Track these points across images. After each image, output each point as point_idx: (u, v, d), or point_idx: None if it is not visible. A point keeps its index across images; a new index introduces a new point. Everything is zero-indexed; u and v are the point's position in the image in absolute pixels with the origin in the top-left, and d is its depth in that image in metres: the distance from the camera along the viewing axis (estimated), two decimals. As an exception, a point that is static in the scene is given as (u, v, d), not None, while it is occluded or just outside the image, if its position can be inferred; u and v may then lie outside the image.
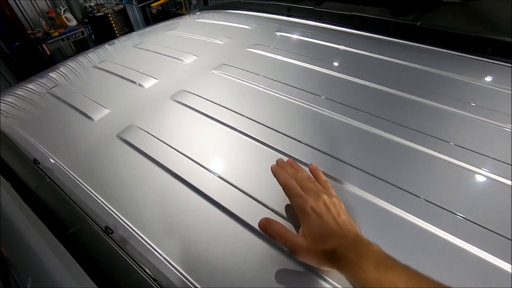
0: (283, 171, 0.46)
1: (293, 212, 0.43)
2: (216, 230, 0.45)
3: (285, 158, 0.54)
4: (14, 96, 0.88)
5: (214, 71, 0.82)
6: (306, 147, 0.56)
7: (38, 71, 1.09)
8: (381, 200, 0.46)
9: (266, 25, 1.13)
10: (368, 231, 0.39)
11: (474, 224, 0.42)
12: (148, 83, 0.81)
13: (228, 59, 0.88)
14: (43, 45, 3.22)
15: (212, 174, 0.53)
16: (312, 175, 0.48)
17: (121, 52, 1.11)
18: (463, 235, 0.40)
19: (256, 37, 1.01)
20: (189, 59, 0.91)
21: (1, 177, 0.58)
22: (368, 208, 0.46)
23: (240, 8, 1.33)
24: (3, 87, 3.23)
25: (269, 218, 0.41)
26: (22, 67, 3.29)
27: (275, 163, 0.49)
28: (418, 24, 0.89)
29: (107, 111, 0.73)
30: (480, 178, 0.49)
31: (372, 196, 0.47)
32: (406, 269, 0.32)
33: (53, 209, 0.49)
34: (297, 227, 0.43)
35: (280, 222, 0.41)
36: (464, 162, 0.51)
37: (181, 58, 0.92)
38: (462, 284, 0.36)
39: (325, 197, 0.41)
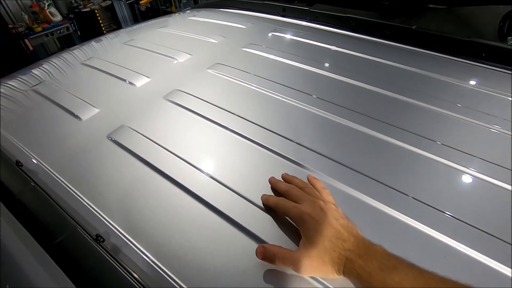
0: (271, 196, 0.46)
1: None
2: (211, 234, 0.43)
3: (279, 158, 0.53)
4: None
5: (209, 71, 0.80)
6: (299, 147, 0.55)
7: (19, 67, 1.03)
8: (369, 198, 0.46)
9: (261, 24, 1.11)
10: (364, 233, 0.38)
11: (466, 224, 0.42)
12: (140, 82, 0.78)
13: (223, 58, 0.86)
14: (26, 40, 3.09)
15: (206, 176, 0.51)
16: (310, 184, 0.47)
17: (111, 49, 1.07)
18: (454, 234, 0.41)
19: (251, 37, 0.99)
20: (182, 58, 0.89)
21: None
22: (357, 206, 0.45)
23: (234, 7, 1.31)
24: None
25: (264, 244, 0.40)
26: (2, 63, 3.15)
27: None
28: (413, 27, 0.89)
29: (97, 110, 0.70)
30: (474, 180, 0.49)
31: (358, 192, 0.47)
32: (411, 268, 0.32)
33: (38, 215, 0.45)
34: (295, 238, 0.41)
35: (277, 223, 0.41)
36: (452, 161, 0.52)
37: (174, 56, 0.89)
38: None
39: (321, 202, 0.40)
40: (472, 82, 0.73)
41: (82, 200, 0.49)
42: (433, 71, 0.76)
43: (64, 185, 0.52)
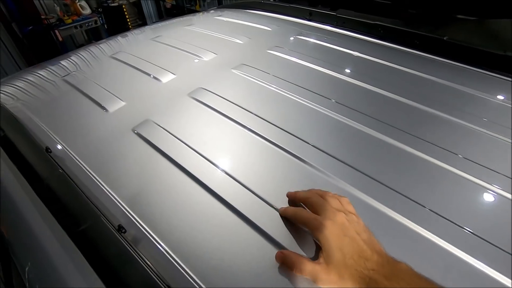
0: (288, 207, 0.44)
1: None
2: (226, 232, 0.43)
3: (298, 162, 0.52)
4: (25, 81, 0.86)
5: (234, 71, 0.80)
6: (318, 152, 0.55)
7: (48, 56, 1.07)
8: (382, 205, 0.45)
9: (286, 27, 1.11)
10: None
11: (477, 237, 0.40)
12: (166, 78, 0.80)
13: (248, 59, 0.86)
14: (56, 31, 3.22)
15: (224, 174, 0.51)
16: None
17: (139, 44, 1.09)
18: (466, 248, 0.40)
19: (276, 39, 0.99)
20: (208, 57, 0.90)
21: (12, 165, 0.56)
22: (373, 214, 0.44)
23: (260, 8, 1.32)
24: (14, 69, 3.23)
25: (284, 251, 0.39)
26: (32, 51, 3.29)
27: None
28: (445, 38, 0.87)
29: (123, 103, 0.71)
30: (484, 192, 0.48)
31: (373, 200, 0.46)
32: None
33: (64, 201, 0.47)
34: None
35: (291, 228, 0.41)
36: (470, 175, 0.50)
37: (200, 54, 0.90)
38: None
39: (342, 214, 0.39)
40: (500, 97, 0.70)
41: (105, 190, 0.50)
42: (462, 83, 0.74)
43: (89, 173, 0.53)
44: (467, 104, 0.68)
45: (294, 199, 0.45)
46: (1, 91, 0.80)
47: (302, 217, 0.41)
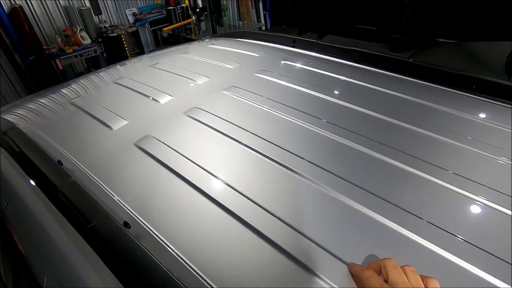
0: (364, 270, 0.41)
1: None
2: (222, 230, 0.50)
3: (286, 171, 0.60)
4: (36, 105, 0.95)
5: (225, 92, 0.90)
6: (307, 163, 0.63)
7: (49, 84, 1.16)
8: (362, 206, 0.53)
9: (273, 53, 1.23)
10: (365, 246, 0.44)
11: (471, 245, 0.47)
12: (164, 99, 0.89)
13: (237, 82, 0.96)
14: (57, 60, 3.36)
15: (219, 181, 0.59)
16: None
17: (139, 70, 1.20)
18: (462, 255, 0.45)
19: (263, 64, 1.11)
20: (201, 80, 1.00)
21: (27, 177, 0.64)
22: (365, 221, 0.51)
23: (249, 37, 1.45)
24: (13, 97, 3.33)
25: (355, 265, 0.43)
26: (33, 79, 3.42)
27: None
28: (410, 61, 0.99)
29: (126, 122, 0.80)
30: (471, 203, 0.54)
31: (354, 202, 0.54)
32: None
33: (76, 204, 0.54)
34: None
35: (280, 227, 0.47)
36: (452, 185, 0.57)
37: (194, 79, 1.01)
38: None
39: None
40: (462, 111, 0.80)
41: (110, 194, 0.57)
42: (428, 100, 0.84)
43: (97, 182, 0.61)
44: (433, 116, 0.78)
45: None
46: (15, 113, 0.88)
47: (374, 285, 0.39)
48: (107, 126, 0.79)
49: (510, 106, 0.81)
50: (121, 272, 0.45)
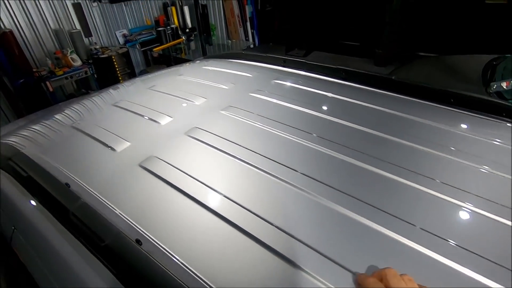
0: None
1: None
2: (225, 240, 0.54)
3: (282, 183, 0.65)
4: (37, 128, 0.97)
5: (223, 112, 0.95)
6: (300, 175, 0.68)
7: (38, 106, 1.17)
8: (353, 213, 0.58)
9: (265, 73, 1.30)
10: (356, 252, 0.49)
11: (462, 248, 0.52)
12: (164, 121, 0.93)
13: (234, 101, 1.02)
14: (47, 83, 3.37)
15: (221, 196, 0.63)
16: None
17: (138, 93, 1.24)
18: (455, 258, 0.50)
19: (257, 84, 1.17)
20: (199, 101, 1.05)
21: (35, 200, 0.66)
22: (354, 226, 0.56)
23: (241, 58, 1.52)
24: (1, 121, 3.30)
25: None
26: (22, 102, 3.40)
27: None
28: (393, 78, 1.07)
29: (128, 143, 0.83)
30: (459, 209, 0.59)
31: (345, 209, 0.58)
32: None
33: (89, 224, 0.56)
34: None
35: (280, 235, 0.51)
36: (438, 192, 0.62)
37: (192, 99, 1.06)
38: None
39: None
40: (442, 123, 0.87)
41: (121, 215, 0.60)
42: (410, 113, 0.91)
43: (105, 203, 0.63)
44: (415, 128, 0.84)
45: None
46: (17, 136, 0.90)
47: None
48: (111, 148, 0.82)
49: (485, 118, 0.89)
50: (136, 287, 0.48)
